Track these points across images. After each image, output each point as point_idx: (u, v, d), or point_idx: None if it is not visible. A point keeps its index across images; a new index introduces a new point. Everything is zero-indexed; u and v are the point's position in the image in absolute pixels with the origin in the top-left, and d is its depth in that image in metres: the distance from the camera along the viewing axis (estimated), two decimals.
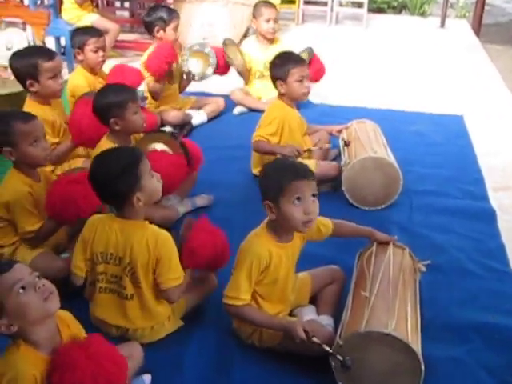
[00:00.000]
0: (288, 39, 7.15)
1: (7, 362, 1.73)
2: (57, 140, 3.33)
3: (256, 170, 3.60)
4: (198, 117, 4.51)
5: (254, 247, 2.22)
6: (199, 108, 4.60)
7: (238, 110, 4.75)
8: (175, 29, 4.31)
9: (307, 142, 3.76)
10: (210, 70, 4.50)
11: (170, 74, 4.32)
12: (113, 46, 5.94)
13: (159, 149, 3.04)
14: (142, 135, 3.17)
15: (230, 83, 5.01)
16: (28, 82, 3.24)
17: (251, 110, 4.72)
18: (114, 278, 2.26)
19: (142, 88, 4.18)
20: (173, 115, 4.30)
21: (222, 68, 4.68)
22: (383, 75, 6.07)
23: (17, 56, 3.32)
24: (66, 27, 5.48)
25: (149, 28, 4.37)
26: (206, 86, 5.00)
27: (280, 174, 2.19)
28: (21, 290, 1.69)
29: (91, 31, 3.91)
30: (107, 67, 4.11)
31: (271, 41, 4.81)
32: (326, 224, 2.47)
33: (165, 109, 4.35)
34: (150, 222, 2.31)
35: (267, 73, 3.82)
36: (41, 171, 2.70)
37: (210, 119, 4.60)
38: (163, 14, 4.30)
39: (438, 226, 3.24)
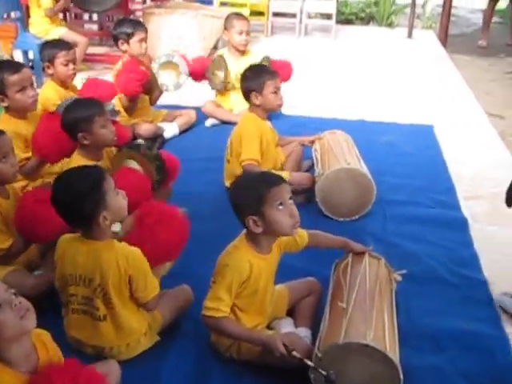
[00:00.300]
0: (258, 51, 7.21)
1: None
2: (27, 155, 3.27)
3: (229, 182, 3.59)
4: (170, 129, 4.49)
5: (235, 259, 2.21)
6: (171, 120, 4.59)
7: (209, 122, 4.75)
8: (140, 42, 4.29)
9: (280, 153, 3.76)
10: (183, 77, 4.51)
11: (146, 89, 4.30)
12: (82, 60, 5.91)
13: (130, 166, 3.00)
14: (113, 149, 3.14)
15: (201, 95, 5.01)
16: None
17: (223, 122, 4.72)
18: (85, 300, 2.22)
19: (114, 102, 4.16)
20: (145, 128, 4.28)
21: (198, 75, 4.68)
22: (353, 86, 6.15)
23: None
24: (34, 41, 5.43)
25: (115, 41, 4.36)
26: (178, 98, 5.01)
27: (256, 185, 2.20)
28: None
29: (61, 44, 3.88)
30: (77, 81, 4.08)
31: (242, 52, 4.83)
32: (301, 235, 2.48)
33: (137, 122, 4.33)
34: None
35: (238, 85, 3.83)
36: (10, 188, 2.64)
37: (182, 131, 4.59)
38: (127, 27, 4.29)
39: (411, 235, 3.26)
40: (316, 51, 7.59)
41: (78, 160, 2.96)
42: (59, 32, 5.69)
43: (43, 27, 5.68)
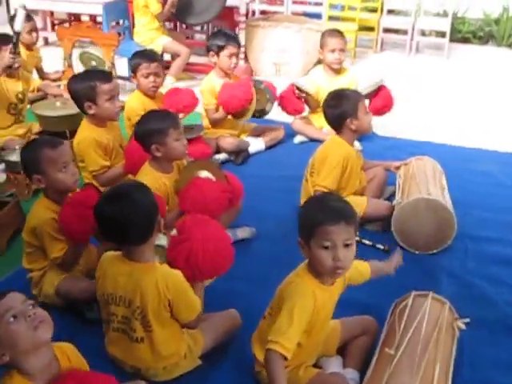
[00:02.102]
0: (365, 67, 7.06)
1: None
2: (108, 163, 3.35)
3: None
4: (256, 144, 4.43)
5: (301, 289, 2.05)
6: (258, 135, 4.53)
7: (298, 139, 4.64)
8: (230, 56, 4.25)
9: (362, 178, 3.60)
10: (270, 105, 4.43)
11: (241, 112, 4.29)
12: (184, 69, 6.01)
13: (203, 176, 2.98)
14: (185, 163, 3.13)
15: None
16: (86, 104, 3.30)
17: (312, 140, 4.60)
18: (125, 320, 2.19)
19: (200, 112, 4.19)
20: (228, 142, 4.25)
21: (294, 109, 4.63)
22: (460, 110, 5.77)
23: (75, 79, 3.41)
24: (137, 49, 5.55)
25: (207, 52, 4.37)
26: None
27: (314, 214, 2.05)
28: (11, 319, 1.67)
29: (146, 56, 3.93)
30: None
31: (337, 71, 4.68)
32: (364, 266, 2.36)
33: (222, 135, 4.31)
34: None
35: None
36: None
37: (269, 147, 4.52)
38: (219, 39, 4.27)
39: (492, 277, 2.99)
40: (426, 70, 7.25)
41: (148, 171, 2.98)
42: (162, 41, 5.83)
43: (148, 36, 5.82)
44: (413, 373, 1.95)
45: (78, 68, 5.04)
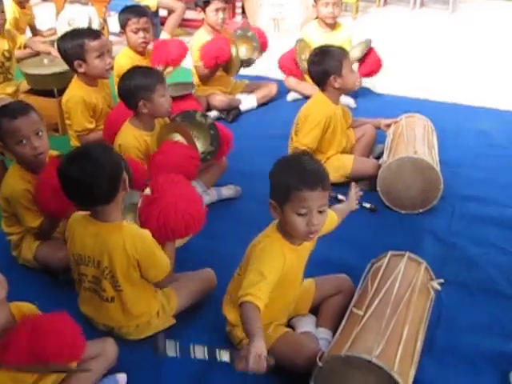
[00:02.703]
0: (368, 22, 6.89)
1: None
2: (91, 126, 3.33)
3: None
4: (248, 101, 4.36)
5: (271, 250, 2.01)
6: (250, 92, 4.45)
7: (291, 96, 4.56)
8: (216, 11, 4.15)
9: (351, 135, 3.54)
10: (256, 54, 4.31)
11: (226, 67, 4.20)
12: (180, 25, 5.89)
13: (175, 140, 2.94)
14: (166, 120, 3.08)
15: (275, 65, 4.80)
16: (76, 63, 3.28)
17: (306, 97, 4.50)
18: (95, 280, 2.18)
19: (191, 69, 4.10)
20: (219, 99, 4.19)
21: (294, 75, 4.53)
22: (464, 66, 5.59)
23: (64, 37, 3.37)
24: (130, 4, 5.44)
25: (195, 7, 4.28)
26: (261, 69, 4.85)
27: (289, 178, 1.95)
28: None
29: (134, 11, 3.86)
30: None
31: (331, 26, 4.56)
32: (331, 217, 2.27)
33: (213, 92, 4.24)
34: None
35: None
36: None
37: (261, 104, 4.44)
38: None
39: (478, 238, 2.94)
40: (431, 25, 7.05)
41: (129, 130, 2.94)
42: None
43: None
44: (379, 333, 1.92)
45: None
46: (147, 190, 2.27)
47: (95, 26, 4.96)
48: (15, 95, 4.08)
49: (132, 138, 2.90)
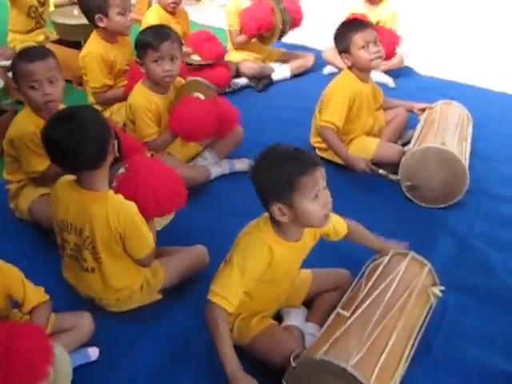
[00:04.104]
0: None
1: None
2: (110, 82, 3.24)
3: (314, 140, 3.27)
4: (281, 71, 4.18)
5: (254, 245, 1.87)
6: (285, 61, 4.26)
7: (328, 69, 4.33)
8: None
9: (380, 117, 3.33)
10: (286, 28, 4.03)
11: (262, 36, 4.03)
12: None
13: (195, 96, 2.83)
14: (182, 82, 2.95)
15: (327, 38, 4.58)
16: (97, 17, 3.18)
17: None
18: (76, 248, 2.09)
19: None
20: (249, 66, 4.01)
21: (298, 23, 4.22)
22: None
23: None
24: None
25: None
26: (301, 38, 4.64)
27: (288, 169, 1.80)
28: None
29: None
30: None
31: (374, 1, 4.29)
32: (340, 225, 2.14)
33: (244, 59, 4.06)
34: None
35: None
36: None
37: (295, 75, 4.25)
38: None
39: (500, 242, 2.71)
40: (491, 4, 6.63)
41: (140, 90, 2.85)
42: None
43: None
44: (362, 339, 1.77)
45: None
46: (122, 170, 2.15)
47: None
48: (45, 43, 4.00)
49: (142, 99, 2.80)
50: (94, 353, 2.01)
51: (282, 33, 4.01)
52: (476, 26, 5.74)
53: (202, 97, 2.82)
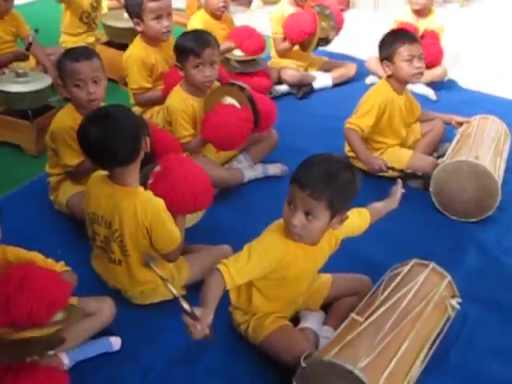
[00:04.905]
0: (477, 10, 6.43)
1: None
2: (148, 85, 3.33)
3: (348, 149, 3.29)
4: (322, 79, 4.21)
5: (273, 239, 1.95)
6: (327, 70, 4.30)
7: (370, 79, 4.34)
8: None
9: (416, 129, 3.35)
10: (332, 33, 4.09)
11: (303, 42, 4.07)
12: None
13: (227, 102, 2.88)
14: (217, 85, 3.03)
15: (370, 48, 4.60)
16: (134, 21, 3.28)
17: None
18: (106, 240, 2.18)
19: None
20: (290, 74, 4.06)
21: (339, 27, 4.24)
22: None
23: None
24: None
25: None
26: (345, 46, 4.67)
27: (297, 170, 1.92)
28: None
29: None
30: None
31: (420, 13, 4.29)
32: (363, 219, 2.18)
33: (286, 66, 4.12)
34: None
35: None
36: None
37: (337, 84, 4.28)
38: None
39: None
40: None
41: (177, 93, 2.94)
42: None
43: None
44: (373, 343, 1.80)
45: None
46: (157, 168, 2.24)
47: None
48: (95, 45, 4.15)
49: (179, 101, 2.89)
50: (116, 342, 2.09)
51: (328, 39, 4.06)
52: None
53: (236, 103, 2.86)
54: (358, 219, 2.14)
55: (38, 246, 2.10)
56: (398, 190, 2.39)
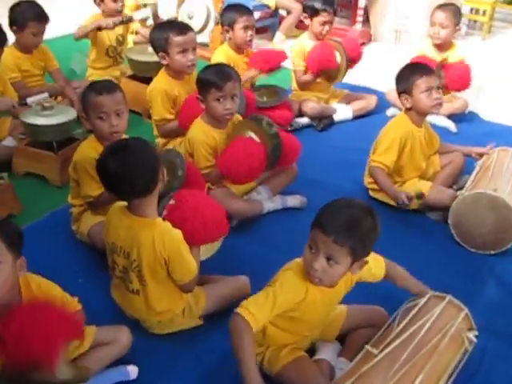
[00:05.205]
0: (500, 43, 6.47)
1: None
2: (171, 117, 3.40)
3: (368, 181, 3.31)
4: (343, 112, 4.26)
5: (293, 279, 1.95)
6: (348, 102, 4.34)
7: (391, 111, 4.37)
8: (323, 23, 4.11)
9: (435, 161, 3.36)
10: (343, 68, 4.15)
11: (329, 74, 4.15)
12: (296, 26, 5.86)
13: (248, 136, 2.94)
14: (239, 118, 3.09)
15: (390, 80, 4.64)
16: (160, 55, 3.36)
17: None
18: (124, 270, 2.22)
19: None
20: (311, 106, 4.12)
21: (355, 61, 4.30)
22: None
23: (155, 28, 3.47)
24: (250, 1, 5.48)
25: (303, 12, 4.26)
26: (364, 78, 4.73)
27: (320, 213, 1.92)
28: None
29: (241, 9, 3.89)
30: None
31: (441, 47, 4.32)
32: (379, 267, 2.19)
33: (307, 98, 4.18)
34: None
35: None
36: None
37: (357, 116, 4.32)
38: (316, 2, 4.07)
39: None
40: None
41: (199, 125, 3.00)
42: None
43: None
44: (388, 376, 1.80)
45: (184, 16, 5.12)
46: (171, 201, 2.28)
47: (211, 20, 5.08)
48: (120, 79, 4.26)
49: (201, 133, 2.94)
50: (133, 371, 2.12)
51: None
52: None
53: (255, 137, 2.92)
54: (375, 268, 2.15)
55: (59, 274, 2.15)
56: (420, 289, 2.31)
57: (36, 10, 3.74)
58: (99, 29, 4.14)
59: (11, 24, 3.71)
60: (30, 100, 3.32)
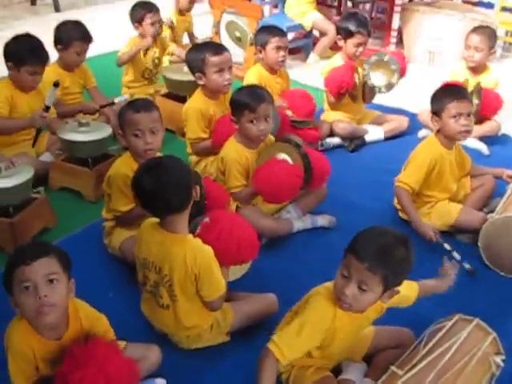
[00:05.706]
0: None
1: (8, 332, 1.87)
2: (205, 136, 3.45)
3: (397, 202, 3.31)
4: (374, 133, 4.27)
5: (322, 306, 1.98)
6: (380, 124, 4.35)
7: (423, 133, 4.35)
8: (358, 45, 4.11)
9: (466, 184, 3.35)
10: (395, 77, 4.08)
11: (351, 94, 4.17)
12: (331, 47, 5.91)
13: (280, 158, 2.97)
14: (272, 139, 3.13)
15: (423, 101, 4.65)
16: (196, 75, 3.42)
17: None
18: (155, 285, 2.26)
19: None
20: (341, 127, 4.14)
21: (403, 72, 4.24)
22: None
23: (191, 49, 3.56)
24: (285, 22, 5.57)
25: (337, 34, 4.29)
26: (397, 99, 4.74)
27: (354, 239, 1.95)
28: (24, 288, 1.74)
29: (275, 30, 3.95)
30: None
31: (474, 70, 4.31)
32: (412, 290, 2.21)
33: (338, 119, 4.20)
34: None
35: None
36: None
37: (389, 138, 4.33)
38: (350, 24, 4.06)
39: None
40: None
41: (232, 145, 3.04)
42: (314, 17, 5.78)
43: (300, 10, 5.80)
44: None
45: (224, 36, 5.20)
46: (206, 219, 2.33)
47: (247, 39, 5.15)
48: (154, 96, 4.35)
49: (234, 152, 2.99)
50: (161, 383, 2.15)
51: (391, 83, 4.12)
52: None
53: (288, 159, 2.96)
54: (408, 288, 2.15)
55: (91, 287, 2.22)
56: (451, 271, 2.39)
57: (81, 29, 3.85)
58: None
59: (56, 42, 3.82)
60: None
